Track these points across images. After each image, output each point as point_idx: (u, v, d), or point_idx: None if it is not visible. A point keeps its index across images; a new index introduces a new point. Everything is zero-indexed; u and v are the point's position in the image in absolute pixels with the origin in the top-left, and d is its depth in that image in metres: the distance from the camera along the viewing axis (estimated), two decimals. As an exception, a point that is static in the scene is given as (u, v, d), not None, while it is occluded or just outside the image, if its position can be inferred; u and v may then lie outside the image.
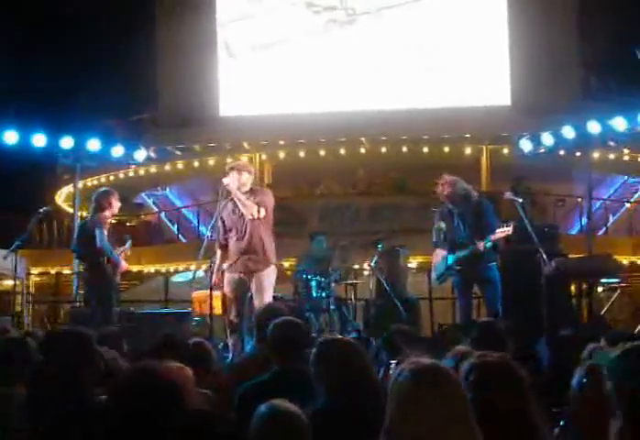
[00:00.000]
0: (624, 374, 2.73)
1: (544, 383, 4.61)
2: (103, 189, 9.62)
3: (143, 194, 22.25)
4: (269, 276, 7.99)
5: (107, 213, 9.24)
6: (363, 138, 18.20)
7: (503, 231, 8.26)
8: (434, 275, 8.93)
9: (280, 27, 18.95)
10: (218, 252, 8.11)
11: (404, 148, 18.13)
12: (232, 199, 8.06)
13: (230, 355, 7.72)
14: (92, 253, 9.13)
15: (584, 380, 3.01)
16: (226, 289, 7.95)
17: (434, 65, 18.22)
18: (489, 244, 8.33)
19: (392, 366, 4.32)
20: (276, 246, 8.29)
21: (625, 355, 2.82)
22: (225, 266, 8.05)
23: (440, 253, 8.66)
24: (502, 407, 2.95)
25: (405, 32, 18.36)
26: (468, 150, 18.26)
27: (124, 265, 9.37)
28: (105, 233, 9.11)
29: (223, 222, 8.06)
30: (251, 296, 7.92)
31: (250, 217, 7.87)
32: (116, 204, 9.37)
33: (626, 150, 18.08)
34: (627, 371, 2.73)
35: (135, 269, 18.81)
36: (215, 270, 8.03)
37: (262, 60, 18.93)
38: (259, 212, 7.95)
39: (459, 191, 8.61)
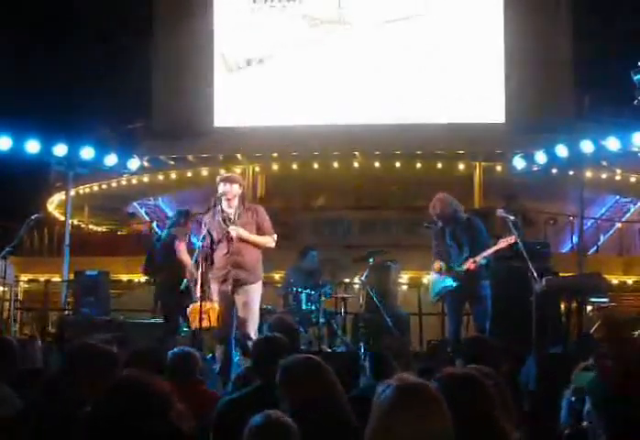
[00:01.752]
0: (604, 394, 2.69)
1: (532, 400, 4.61)
2: (181, 208, 10.26)
3: (135, 203, 22.23)
4: (257, 290, 7.97)
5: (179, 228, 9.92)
6: (357, 152, 18.23)
7: (506, 240, 8.31)
8: (431, 292, 8.91)
9: (276, 39, 18.97)
10: (202, 263, 8.03)
11: (398, 163, 18.15)
12: (221, 211, 8.04)
13: (218, 366, 7.69)
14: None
15: (573, 400, 2.96)
16: (215, 300, 7.91)
17: (429, 81, 18.27)
18: (483, 261, 8.37)
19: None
20: (267, 258, 8.27)
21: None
22: (210, 277, 8.01)
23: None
24: (467, 418, 2.93)
25: (401, 47, 18.42)
26: (461, 167, 18.31)
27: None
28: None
29: (210, 234, 8.01)
30: (236, 308, 7.88)
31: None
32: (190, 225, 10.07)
33: (618, 170, 18.17)
34: (606, 391, 2.68)
35: (124, 277, 18.78)
36: (197, 281, 8.00)
37: (258, 72, 18.95)
38: (273, 240, 8.06)
39: (450, 209, 8.64)
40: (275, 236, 8.11)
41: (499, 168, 17.98)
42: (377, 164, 18.27)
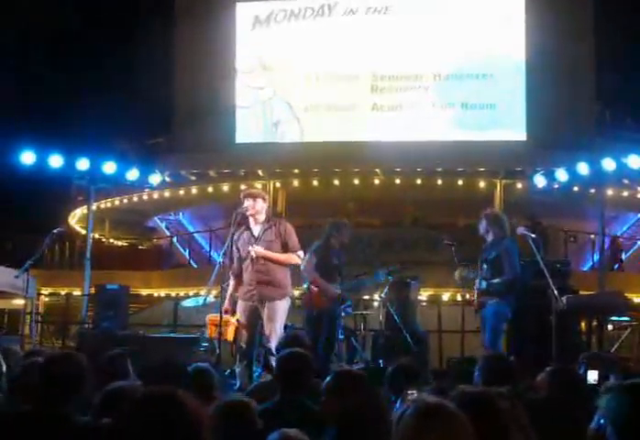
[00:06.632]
0: (617, 415, 2.64)
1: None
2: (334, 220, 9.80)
3: (156, 218, 22.32)
4: (282, 306, 7.95)
5: (333, 240, 9.42)
6: (377, 169, 18.23)
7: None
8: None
9: (299, 56, 19.07)
10: (232, 280, 8.06)
11: (418, 180, 18.13)
12: (247, 228, 8.02)
13: (237, 382, 7.68)
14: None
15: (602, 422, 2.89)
16: (240, 316, 7.92)
17: (451, 98, 18.30)
18: (483, 284, 8.37)
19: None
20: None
21: (617, 395, 2.71)
22: (238, 294, 8.02)
23: None
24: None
25: (423, 64, 18.46)
26: (481, 184, 18.25)
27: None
28: (315, 259, 9.20)
29: (238, 250, 8.02)
30: (262, 324, 7.87)
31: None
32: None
33: (640, 188, 18.08)
34: (619, 412, 2.64)
35: (144, 292, 18.83)
36: (227, 298, 7.99)
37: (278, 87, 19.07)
38: (298, 256, 8.06)
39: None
40: (301, 252, 8.11)
41: (519, 185, 17.92)
42: (397, 181, 18.26)
